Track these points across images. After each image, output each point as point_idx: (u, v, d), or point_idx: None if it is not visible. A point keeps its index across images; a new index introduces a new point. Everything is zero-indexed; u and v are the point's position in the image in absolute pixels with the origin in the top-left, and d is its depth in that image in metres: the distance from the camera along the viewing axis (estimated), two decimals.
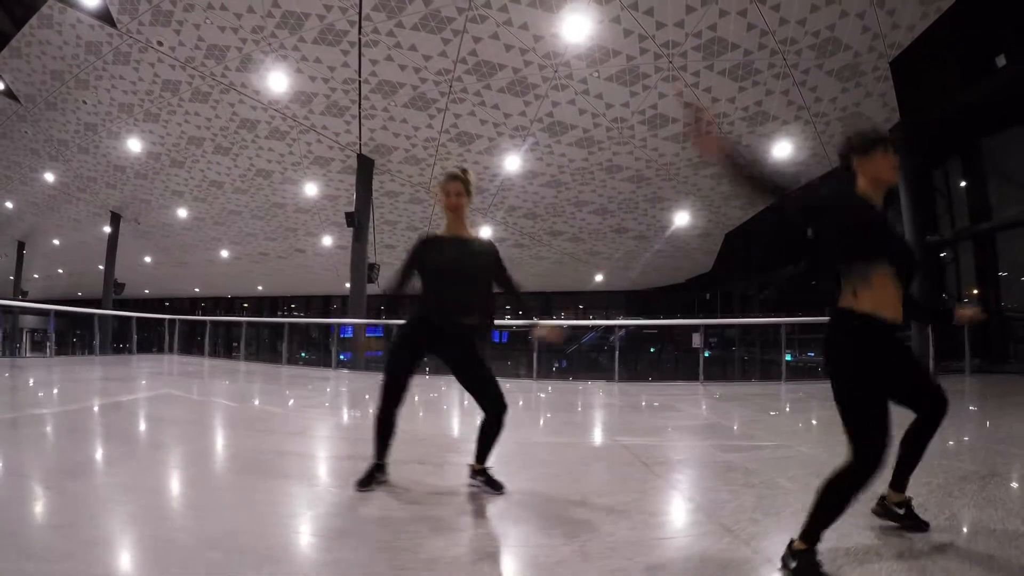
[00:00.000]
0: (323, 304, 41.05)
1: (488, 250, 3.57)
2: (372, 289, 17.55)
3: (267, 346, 19.02)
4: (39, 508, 2.75)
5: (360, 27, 12.37)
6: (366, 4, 11.77)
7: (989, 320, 13.57)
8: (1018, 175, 12.80)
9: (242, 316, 40.79)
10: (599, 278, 29.65)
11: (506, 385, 3.49)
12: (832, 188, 2.56)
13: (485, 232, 22.78)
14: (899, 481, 2.66)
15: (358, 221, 17.02)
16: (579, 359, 27.29)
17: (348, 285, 18.50)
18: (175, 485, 3.41)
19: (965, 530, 2.61)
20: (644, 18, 11.32)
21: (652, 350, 29.71)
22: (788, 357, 20.27)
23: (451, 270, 3.36)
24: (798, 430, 6.03)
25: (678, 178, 17.62)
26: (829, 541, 2.21)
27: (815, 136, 14.75)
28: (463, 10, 11.56)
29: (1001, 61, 11.41)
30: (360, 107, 15.25)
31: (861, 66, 12.35)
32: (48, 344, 15.95)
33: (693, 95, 13.30)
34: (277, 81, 14.59)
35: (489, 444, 3.41)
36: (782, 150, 15.30)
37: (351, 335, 16.47)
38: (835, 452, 2.75)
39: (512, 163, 17.29)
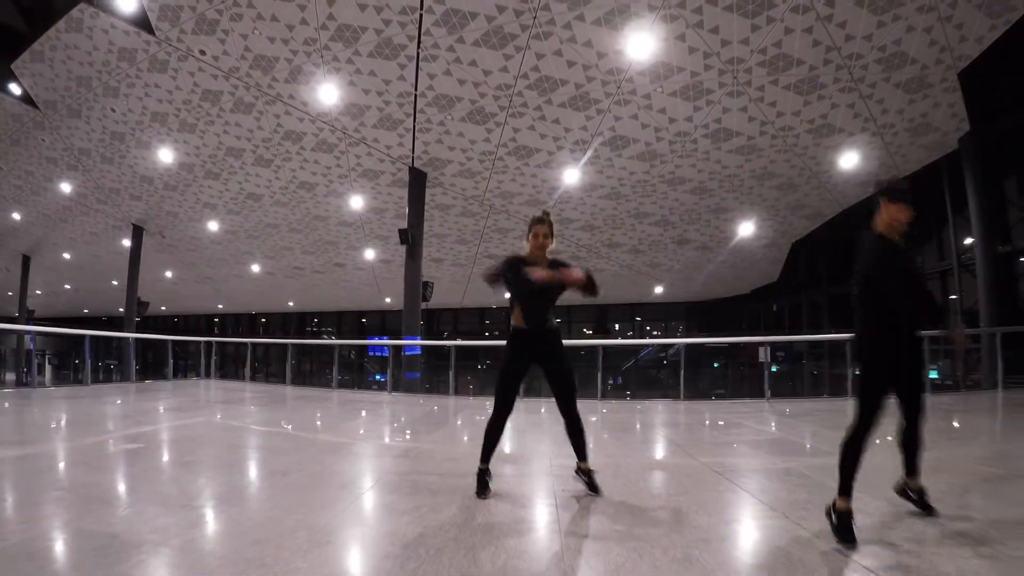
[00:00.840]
0: (356, 319, 42.68)
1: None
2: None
3: (307, 368, 20.30)
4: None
5: (419, 42, 13.91)
6: (427, 19, 13.29)
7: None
8: None
9: (266, 333, 42.56)
10: (659, 290, 30.82)
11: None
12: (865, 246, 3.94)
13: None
14: (910, 468, 4.00)
15: (412, 237, 18.35)
16: (636, 376, 28.27)
17: (389, 300, 20.06)
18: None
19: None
20: (709, 36, 12.69)
21: (716, 365, 30.68)
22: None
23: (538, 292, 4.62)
24: None
25: (742, 189, 18.90)
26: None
27: (882, 147, 16.01)
28: (527, 27, 13.05)
29: None
30: (415, 120, 16.76)
31: (928, 78, 13.56)
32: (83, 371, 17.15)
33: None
34: (328, 93, 16.02)
35: (582, 441, 4.70)
36: (848, 161, 16.56)
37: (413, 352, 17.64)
38: (884, 457, 4.20)
39: (571, 176, 18.74)
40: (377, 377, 18.28)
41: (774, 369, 24.76)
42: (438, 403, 12.90)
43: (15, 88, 18.79)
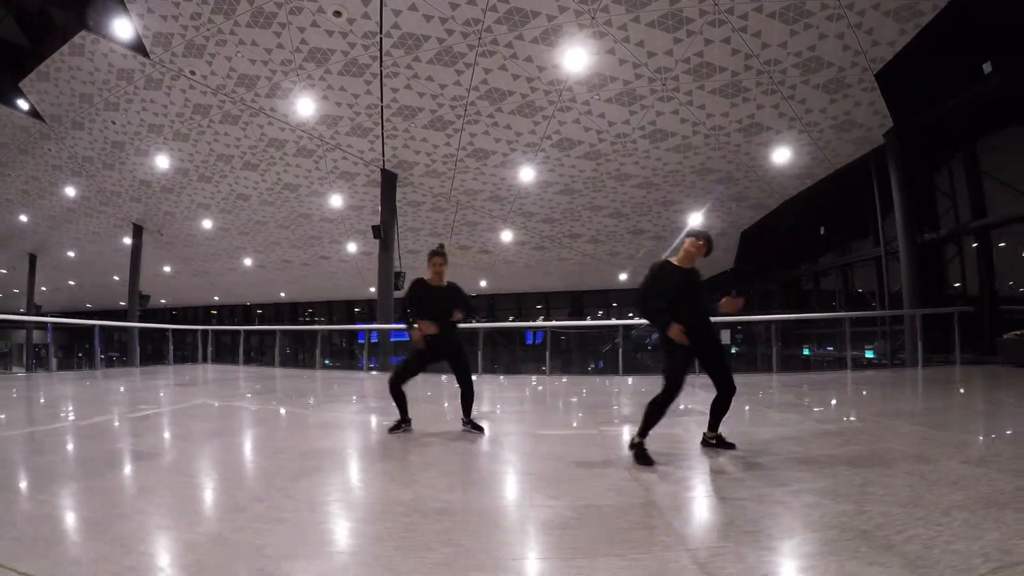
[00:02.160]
0: (346, 309, 43.14)
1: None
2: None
3: (299, 353, 21.06)
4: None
5: (381, 61, 14.57)
6: (386, 42, 13.94)
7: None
8: (1013, 174, 14.36)
9: (262, 323, 43.08)
10: (624, 276, 31.53)
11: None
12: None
13: (505, 236, 24.99)
14: (711, 424, 5.04)
15: (384, 232, 19.21)
16: (614, 358, 28.92)
17: (373, 290, 20.73)
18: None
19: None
20: (636, 49, 13.35)
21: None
22: (807, 351, 22.15)
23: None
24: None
25: (685, 183, 19.62)
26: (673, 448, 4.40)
27: (811, 143, 16.64)
28: (473, 46, 13.72)
29: (988, 68, 13.26)
30: (383, 128, 17.40)
31: (846, 79, 14.12)
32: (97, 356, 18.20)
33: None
34: (305, 106, 16.77)
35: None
36: (781, 156, 17.23)
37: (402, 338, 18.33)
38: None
39: (526, 174, 19.43)
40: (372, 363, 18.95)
41: (734, 351, 25.68)
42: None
43: (23, 103, 19.36)
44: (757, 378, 12.38)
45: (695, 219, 22.39)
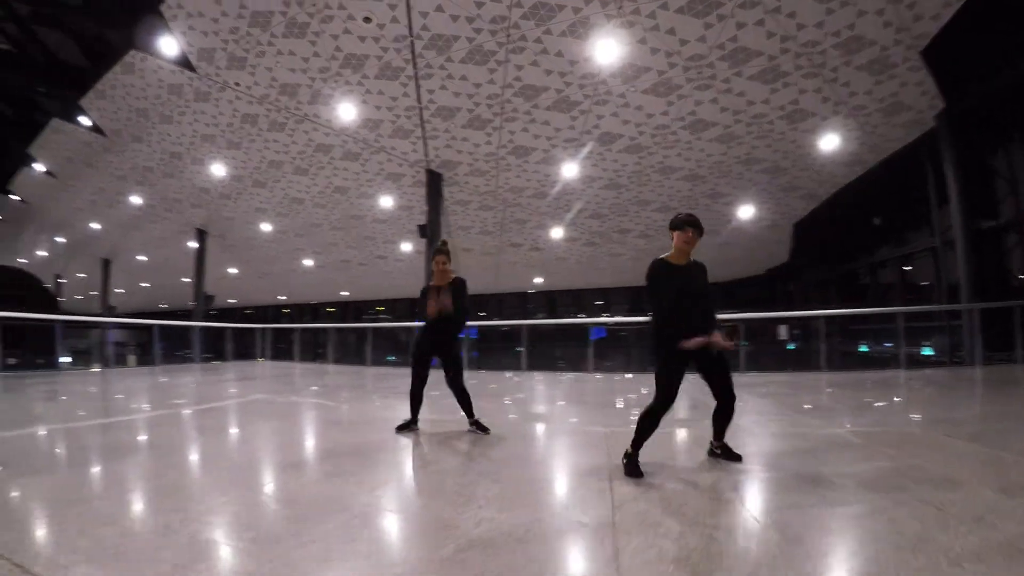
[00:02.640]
0: (409, 306, 43.15)
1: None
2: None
3: (352, 349, 21.16)
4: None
5: (415, 63, 14.30)
6: (417, 44, 13.64)
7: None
8: None
9: (327, 321, 43.69)
10: None
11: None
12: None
13: (555, 232, 24.54)
14: (716, 432, 4.46)
15: (430, 232, 19.11)
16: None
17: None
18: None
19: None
20: (667, 37, 12.64)
21: (744, 343, 30.04)
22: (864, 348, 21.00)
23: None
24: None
25: (731, 175, 18.73)
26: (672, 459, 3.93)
27: (859, 128, 15.58)
28: (502, 44, 13.26)
29: None
30: (424, 130, 17.17)
31: (890, 59, 13.05)
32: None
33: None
34: (346, 111, 16.67)
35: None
36: (829, 143, 16.18)
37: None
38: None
39: (569, 170, 18.90)
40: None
41: (790, 347, 24.51)
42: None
43: (85, 120, 20.06)
44: (801, 377, 11.55)
45: (745, 211, 21.51)
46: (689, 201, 20.92)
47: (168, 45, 15.20)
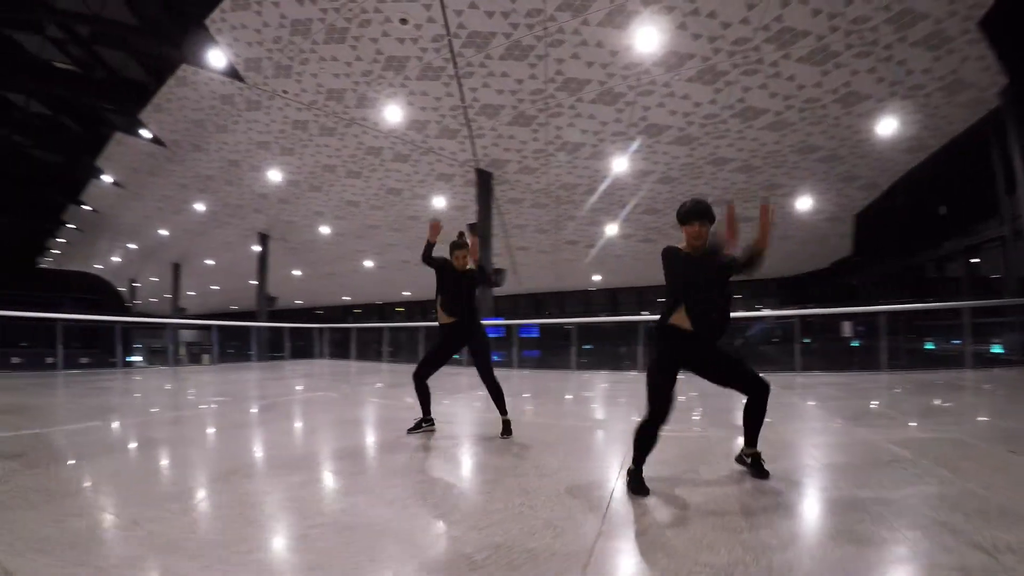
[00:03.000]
0: None
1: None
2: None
3: (404, 347, 21.20)
4: None
5: (455, 62, 13.97)
6: (455, 43, 13.26)
7: None
8: None
9: (393, 321, 44.09)
10: None
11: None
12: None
13: (610, 229, 23.92)
14: (747, 439, 3.86)
15: (480, 230, 18.82)
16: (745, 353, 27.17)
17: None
18: None
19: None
20: (708, 21, 11.87)
21: (807, 340, 28.45)
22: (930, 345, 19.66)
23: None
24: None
25: (787, 164, 17.74)
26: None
27: (918, 109, 14.44)
28: (540, 37, 12.75)
29: None
30: (470, 129, 16.83)
31: (947, 32, 11.93)
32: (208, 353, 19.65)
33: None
34: (392, 113, 16.46)
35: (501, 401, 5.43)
36: (887, 127, 15.09)
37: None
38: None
39: (620, 165, 18.27)
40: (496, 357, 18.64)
41: (855, 344, 23.17)
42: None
43: (146, 133, 20.58)
44: (860, 378, 10.63)
45: (803, 203, 20.47)
46: (745, 193, 20.00)
47: (216, 58, 15.38)
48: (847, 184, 19.12)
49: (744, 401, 3.81)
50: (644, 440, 3.59)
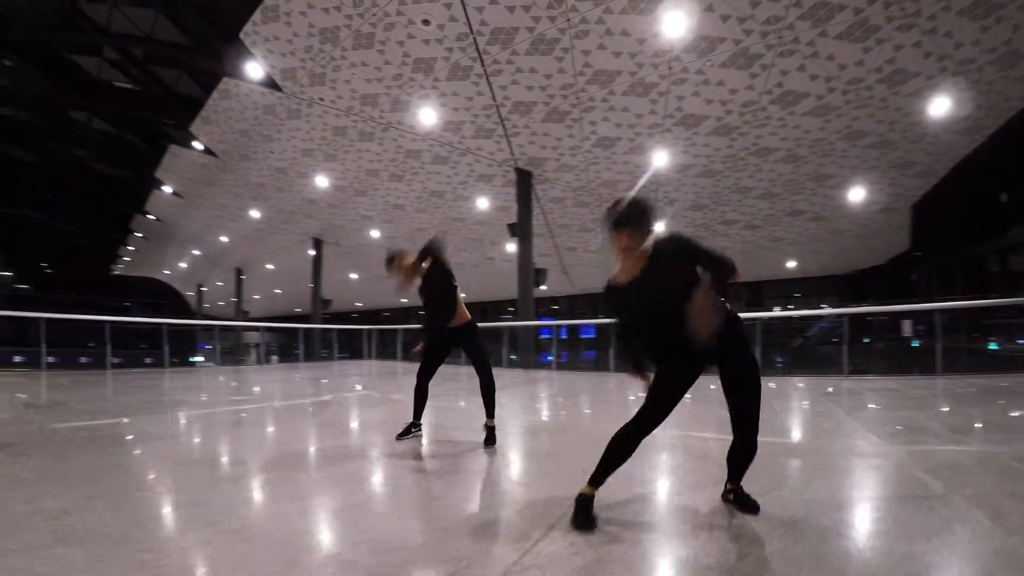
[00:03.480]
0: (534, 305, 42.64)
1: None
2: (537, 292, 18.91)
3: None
4: None
5: (482, 60, 13.54)
6: (480, 41, 12.77)
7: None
8: None
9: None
10: (791, 264, 28.32)
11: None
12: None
13: (657, 226, 23.03)
14: (730, 474, 3.17)
15: (520, 230, 18.42)
16: (802, 354, 25.92)
17: (544, 288, 20.35)
18: None
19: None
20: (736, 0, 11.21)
21: (866, 340, 26.84)
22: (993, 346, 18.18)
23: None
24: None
25: (835, 152, 16.57)
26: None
27: (971, 86, 13.10)
28: (564, 30, 12.12)
29: None
30: (504, 127, 16.36)
31: None
32: (261, 353, 20.59)
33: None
34: (427, 115, 16.13)
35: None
36: (939, 108, 13.79)
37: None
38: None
39: (659, 159, 17.47)
40: (548, 358, 18.52)
41: (915, 344, 21.69)
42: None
43: (198, 144, 20.94)
44: (910, 383, 9.56)
45: (856, 194, 19.22)
46: (793, 185, 18.98)
47: (254, 69, 15.42)
48: (901, 172, 17.80)
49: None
50: (621, 450, 2.97)
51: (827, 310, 27.59)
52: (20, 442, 4.89)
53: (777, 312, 16.17)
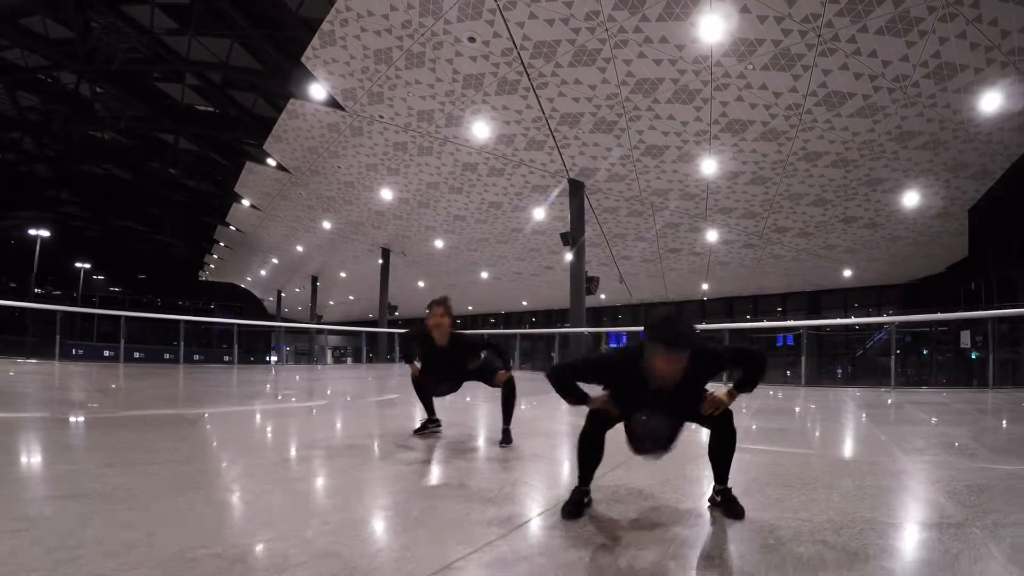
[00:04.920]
0: (593, 316, 42.03)
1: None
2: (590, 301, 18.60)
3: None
4: None
5: (527, 74, 13.42)
6: (524, 55, 12.69)
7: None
8: None
9: (519, 326, 43.98)
10: (848, 273, 26.93)
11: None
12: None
13: (710, 236, 22.41)
14: (718, 475, 2.90)
15: (573, 239, 18.17)
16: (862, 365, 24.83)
17: (603, 296, 20.04)
18: None
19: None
20: None
21: (925, 352, 25.34)
22: None
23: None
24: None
25: (886, 155, 15.58)
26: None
27: (1021, 78, 11.97)
28: (604, 40, 11.89)
29: None
30: (554, 139, 16.17)
31: None
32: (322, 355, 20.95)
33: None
34: (480, 129, 16.22)
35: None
36: (991, 103, 12.70)
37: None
38: None
39: (708, 167, 16.88)
40: None
41: (974, 356, 20.32)
42: None
43: (271, 161, 21.63)
44: (957, 396, 8.88)
45: (910, 198, 17.96)
46: (845, 190, 17.95)
47: (317, 91, 15.98)
48: (955, 174, 16.55)
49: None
50: (580, 452, 2.88)
51: (862, 319, 26.14)
52: None
53: (801, 322, 15.11)
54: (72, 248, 43.43)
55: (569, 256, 26.21)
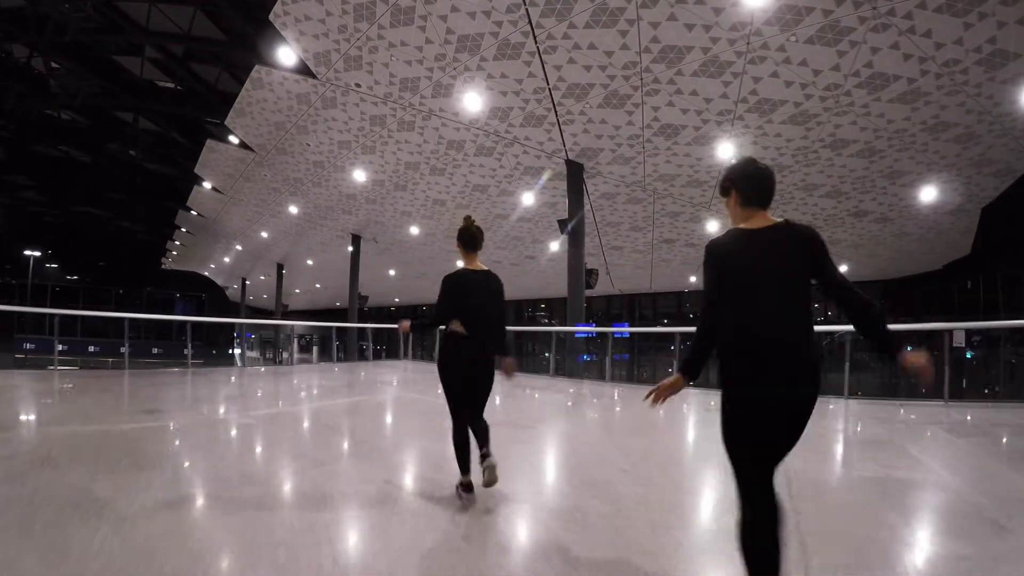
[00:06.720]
0: (561, 306, 41.25)
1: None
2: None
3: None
4: None
5: (534, 36, 11.83)
6: (532, 13, 11.15)
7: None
8: None
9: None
10: (844, 268, 25.95)
11: None
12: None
13: (711, 226, 21.19)
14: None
15: (571, 227, 16.68)
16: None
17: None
18: None
19: None
20: None
21: (908, 348, 24.32)
22: None
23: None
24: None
25: (915, 146, 14.52)
26: None
27: None
28: None
29: None
30: (557, 114, 14.68)
31: None
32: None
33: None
34: (472, 101, 14.66)
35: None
36: None
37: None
38: None
39: (725, 151, 15.51)
40: (585, 357, 17.39)
41: (969, 355, 19.43)
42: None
43: (233, 138, 20.07)
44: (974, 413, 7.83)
45: (927, 194, 17.05)
46: (864, 183, 16.85)
47: (286, 55, 14.37)
48: (978, 170, 15.62)
49: None
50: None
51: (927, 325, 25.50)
52: None
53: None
54: (27, 234, 41.32)
55: (555, 246, 24.99)
